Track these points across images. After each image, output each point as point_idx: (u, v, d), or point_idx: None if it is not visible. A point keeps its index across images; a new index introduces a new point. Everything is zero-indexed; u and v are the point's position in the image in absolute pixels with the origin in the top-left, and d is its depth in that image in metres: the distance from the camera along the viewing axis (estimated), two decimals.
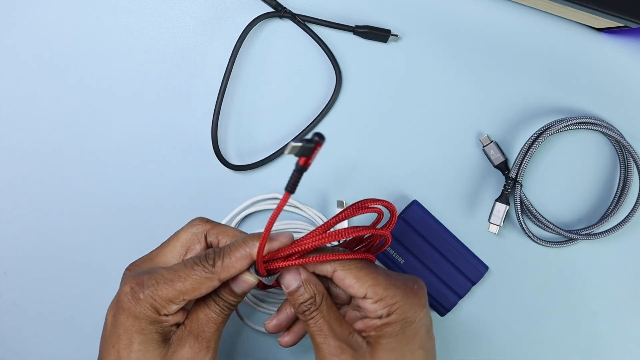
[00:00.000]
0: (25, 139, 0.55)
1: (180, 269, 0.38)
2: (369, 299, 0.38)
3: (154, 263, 0.41)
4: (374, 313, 0.38)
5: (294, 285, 0.39)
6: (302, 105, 0.54)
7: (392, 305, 0.38)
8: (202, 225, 0.41)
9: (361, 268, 0.39)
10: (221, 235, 0.41)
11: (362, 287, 0.38)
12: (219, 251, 0.39)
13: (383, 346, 0.38)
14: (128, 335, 0.38)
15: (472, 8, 0.53)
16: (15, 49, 0.54)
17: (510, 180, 0.52)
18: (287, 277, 0.40)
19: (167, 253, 0.41)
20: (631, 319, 0.55)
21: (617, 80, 0.54)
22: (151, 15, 0.54)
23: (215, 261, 0.38)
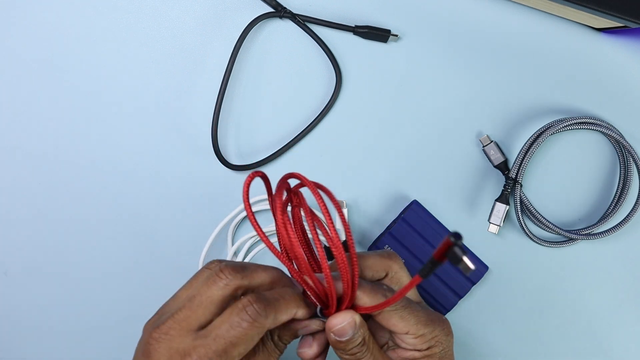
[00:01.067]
0: (25, 139, 0.55)
1: (236, 335, 0.35)
2: (410, 335, 0.39)
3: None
4: (413, 347, 0.40)
5: (349, 333, 0.38)
6: (302, 105, 0.54)
7: (432, 339, 0.40)
8: (233, 279, 0.36)
9: (405, 307, 0.39)
10: (254, 280, 0.37)
11: (406, 326, 0.39)
12: (267, 303, 0.35)
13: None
14: None
15: (472, 8, 0.53)
16: (15, 49, 0.54)
17: (510, 180, 0.52)
18: (341, 326, 0.38)
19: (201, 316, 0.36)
20: (631, 319, 0.55)
21: (617, 80, 0.54)
22: (151, 15, 0.54)
23: (268, 314, 0.35)
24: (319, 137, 0.54)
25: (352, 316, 0.38)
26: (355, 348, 0.39)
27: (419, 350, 0.40)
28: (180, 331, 0.35)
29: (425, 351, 0.40)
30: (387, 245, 0.52)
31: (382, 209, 0.54)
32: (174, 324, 0.35)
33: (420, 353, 0.40)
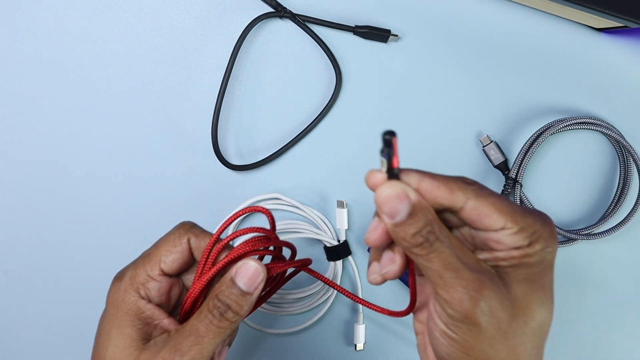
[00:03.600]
0: (25, 138, 0.55)
1: (158, 242, 0.38)
2: (508, 230, 0.31)
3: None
4: (511, 245, 0.31)
5: (401, 211, 0.31)
6: (302, 105, 0.54)
7: (534, 234, 0.31)
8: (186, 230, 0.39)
9: (494, 194, 0.32)
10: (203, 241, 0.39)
11: (502, 216, 0.31)
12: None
13: (521, 277, 0.32)
14: (108, 327, 0.36)
15: (472, 8, 0.53)
16: (15, 49, 0.54)
17: (510, 180, 0.52)
18: (389, 202, 0.31)
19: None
20: (631, 319, 0.55)
21: (617, 80, 0.54)
22: (151, 15, 0.54)
23: (194, 229, 0.38)
24: (319, 137, 0.54)
25: (401, 187, 0.31)
26: (420, 235, 0.31)
27: (519, 248, 0.31)
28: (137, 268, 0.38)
29: (526, 248, 0.31)
30: None
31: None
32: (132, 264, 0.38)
33: (519, 251, 0.31)
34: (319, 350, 0.55)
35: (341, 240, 0.53)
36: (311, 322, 0.53)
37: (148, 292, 0.37)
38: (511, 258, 0.32)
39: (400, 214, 0.31)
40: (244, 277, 0.35)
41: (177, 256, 0.37)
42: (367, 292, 0.54)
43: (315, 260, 0.55)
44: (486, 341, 0.31)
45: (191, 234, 0.38)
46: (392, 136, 0.30)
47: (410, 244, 0.31)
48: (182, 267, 0.38)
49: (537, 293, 0.32)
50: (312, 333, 0.55)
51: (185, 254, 0.38)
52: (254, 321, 0.54)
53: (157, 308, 0.37)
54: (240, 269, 0.35)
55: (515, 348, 0.31)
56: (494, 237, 0.31)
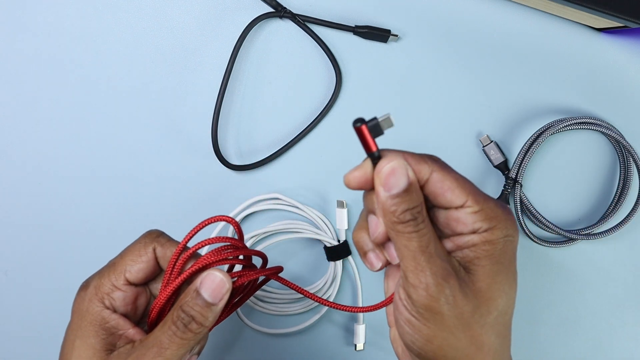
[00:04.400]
0: (25, 138, 0.55)
1: (123, 251, 0.37)
2: (468, 208, 0.32)
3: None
4: (471, 226, 0.32)
5: (402, 182, 0.31)
6: (302, 105, 0.54)
7: (493, 219, 0.32)
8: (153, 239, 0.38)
9: (457, 173, 0.33)
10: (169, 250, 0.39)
11: (463, 193, 0.32)
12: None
13: (485, 269, 0.32)
14: (72, 337, 0.36)
15: (472, 8, 0.53)
16: (15, 48, 0.54)
17: (510, 180, 0.52)
18: (392, 177, 0.31)
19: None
20: (631, 319, 0.55)
21: (617, 80, 0.54)
22: (151, 15, 0.54)
23: (162, 240, 0.37)
24: (319, 137, 0.54)
25: (403, 164, 0.32)
26: (410, 212, 0.32)
27: (478, 232, 0.32)
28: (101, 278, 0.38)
29: (485, 233, 0.32)
30: None
31: None
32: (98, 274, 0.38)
33: (479, 236, 0.32)
34: (319, 350, 0.55)
35: (341, 240, 0.53)
36: (311, 322, 0.53)
37: (113, 302, 0.37)
38: (473, 246, 0.32)
39: (398, 187, 0.31)
40: (208, 288, 0.35)
41: (142, 265, 0.37)
42: (367, 292, 0.55)
43: (316, 260, 0.55)
44: (448, 330, 0.32)
45: (157, 243, 0.38)
46: (359, 124, 0.32)
47: (399, 220, 0.32)
48: (148, 276, 0.38)
49: (500, 284, 0.33)
50: (312, 333, 0.55)
51: (151, 263, 0.37)
52: (254, 321, 0.54)
53: (122, 318, 0.37)
54: (205, 280, 0.35)
55: (478, 338, 0.32)
56: (455, 216, 0.32)
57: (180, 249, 0.36)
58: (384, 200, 0.32)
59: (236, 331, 0.55)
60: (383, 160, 0.32)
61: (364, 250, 0.36)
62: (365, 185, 0.33)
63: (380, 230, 0.34)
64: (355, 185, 0.34)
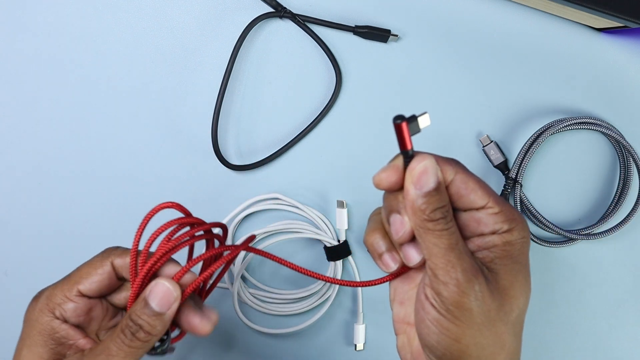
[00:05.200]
0: (25, 138, 0.55)
1: (81, 265, 0.38)
2: (489, 209, 0.33)
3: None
4: (492, 227, 0.33)
5: (432, 180, 0.32)
6: (302, 105, 0.54)
7: (512, 221, 0.33)
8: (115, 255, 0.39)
9: (477, 177, 0.34)
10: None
11: (485, 194, 0.33)
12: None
13: (507, 267, 0.33)
14: (20, 346, 0.37)
15: (472, 8, 0.53)
16: (15, 48, 0.54)
17: (510, 180, 0.52)
18: (424, 175, 0.32)
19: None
20: (631, 319, 0.55)
21: (617, 80, 0.54)
22: (151, 15, 0.54)
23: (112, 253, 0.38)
24: (319, 137, 0.54)
25: (434, 163, 0.33)
26: (439, 211, 0.32)
27: (498, 233, 0.33)
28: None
29: (505, 234, 0.33)
30: None
31: None
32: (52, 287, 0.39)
33: (499, 237, 0.33)
34: (319, 350, 0.55)
35: (341, 240, 0.53)
36: (311, 322, 0.53)
37: (64, 312, 0.37)
38: (494, 246, 0.33)
39: (429, 185, 0.32)
40: (155, 297, 0.35)
41: (97, 278, 0.38)
42: (366, 292, 0.55)
43: (316, 260, 0.55)
44: (476, 327, 0.32)
45: (114, 256, 0.38)
46: (399, 121, 0.32)
47: (429, 218, 0.32)
48: (104, 289, 0.38)
49: (520, 283, 0.34)
50: (312, 333, 0.55)
51: (107, 275, 0.38)
52: (254, 321, 0.54)
53: (72, 328, 0.37)
54: (153, 289, 0.35)
55: (501, 336, 0.33)
56: (477, 216, 0.33)
57: (134, 250, 0.37)
58: (414, 198, 0.33)
59: (236, 331, 0.55)
60: (415, 159, 0.33)
61: (379, 252, 0.36)
62: (395, 185, 0.34)
63: (405, 230, 0.34)
64: (385, 186, 0.34)
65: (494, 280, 0.33)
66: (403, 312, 0.37)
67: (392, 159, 0.34)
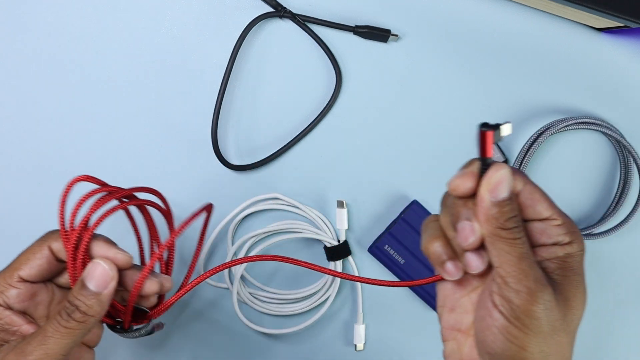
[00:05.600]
0: (25, 138, 0.55)
1: (20, 253, 0.39)
2: (553, 220, 0.34)
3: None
4: (555, 238, 0.34)
5: (506, 189, 0.33)
6: (302, 105, 0.54)
7: (573, 233, 0.34)
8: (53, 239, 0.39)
9: (541, 189, 0.35)
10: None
11: (550, 206, 0.34)
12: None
13: (569, 279, 0.34)
14: None
15: (472, 8, 0.53)
16: (15, 48, 0.54)
17: None
18: (500, 184, 0.33)
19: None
20: (631, 319, 0.55)
21: (617, 80, 0.54)
22: (151, 15, 0.54)
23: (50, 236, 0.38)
24: (319, 137, 0.54)
25: (508, 170, 0.33)
26: (512, 220, 0.33)
27: (561, 245, 0.34)
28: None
29: (567, 245, 0.34)
30: (387, 246, 0.52)
31: (382, 209, 0.54)
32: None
33: (561, 249, 0.34)
34: (319, 350, 0.55)
35: (341, 240, 0.53)
36: (311, 322, 0.53)
37: (6, 299, 0.38)
38: (556, 258, 0.34)
39: (503, 194, 0.33)
40: (92, 277, 0.36)
41: (36, 262, 0.38)
42: (366, 292, 0.54)
43: (316, 260, 0.55)
44: (542, 336, 0.32)
45: (51, 240, 0.39)
46: (485, 129, 0.33)
47: (503, 226, 0.33)
48: (46, 273, 0.39)
49: (581, 294, 0.34)
50: (312, 333, 0.55)
51: (46, 259, 0.38)
52: (253, 321, 0.53)
53: (16, 314, 0.38)
54: (90, 270, 0.36)
55: (563, 346, 0.33)
56: (540, 227, 0.34)
57: (62, 230, 0.37)
58: (489, 206, 0.33)
59: (236, 331, 0.55)
60: (493, 168, 0.33)
61: (441, 260, 0.36)
62: (470, 191, 0.34)
63: (475, 237, 0.34)
64: (461, 192, 0.35)
65: (557, 291, 0.33)
66: (453, 319, 0.37)
67: (466, 165, 0.35)
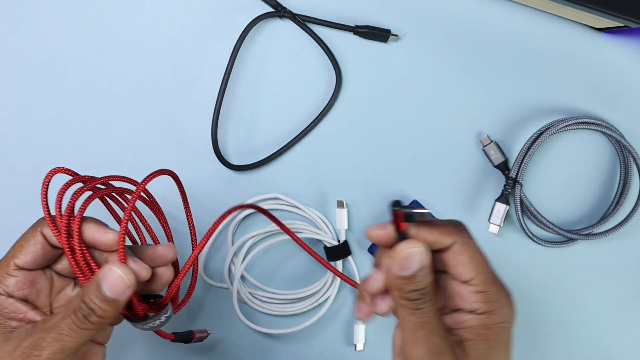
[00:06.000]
0: (25, 138, 0.55)
1: (15, 241, 0.39)
2: (472, 286, 0.33)
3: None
4: (470, 305, 0.34)
5: (414, 267, 0.33)
6: (302, 105, 0.54)
7: (494, 303, 0.33)
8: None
9: (479, 253, 0.34)
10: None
11: (474, 270, 0.33)
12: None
13: (478, 352, 0.33)
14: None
15: (472, 8, 0.53)
16: (15, 48, 0.54)
17: (510, 180, 0.52)
18: (407, 261, 0.33)
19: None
20: (631, 319, 0.55)
21: (617, 80, 0.54)
22: (151, 15, 0.54)
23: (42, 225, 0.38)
24: (319, 137, 0.54)
25: (421, 248, 0.33)
26: (416, 293, 0.33)
27: (476, 314, 0.33)
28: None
29: (483, 315, 0.33)
30: None
31: (382, 209, 0.54)
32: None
33: (478, 318, 0.33)
34: (319, 350, 0.55)
35: (341, 240, 0.53)
36: (311, 322, 0.53)
37: (6, 288, 0.38)
38: (470, 327, 0.34)
39: (410, 270, 0.33)
40: (108, 283, 0.35)
41: (31, 249, 0.38)
42: None
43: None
44: None
45: (42, 226, 0.39)
46: (397, 208, 0.34)
47: (406, 297, 0.33)
48: (41, 259, 0.39)
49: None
50: (312, 333, 0.55)
51: (40, 246, 0.38)
52: (253, 321, 0.53)
53: (19, 302, 0.38)
54: (106, 276, 0.35)
55: None
56: (458, 290, 0.34)
57: (48, 219, 0.37)
58: (394, 277, 0.34)
59: (236, 331, 0.55)
60: (405, 244, 0.33)
61: (359, 294, 0.37)
62: (385, 243, 0.35)
63: (377, 286, 0.36)
64: (375, 241, 0.36)
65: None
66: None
67: (389, 223, 0.35)
